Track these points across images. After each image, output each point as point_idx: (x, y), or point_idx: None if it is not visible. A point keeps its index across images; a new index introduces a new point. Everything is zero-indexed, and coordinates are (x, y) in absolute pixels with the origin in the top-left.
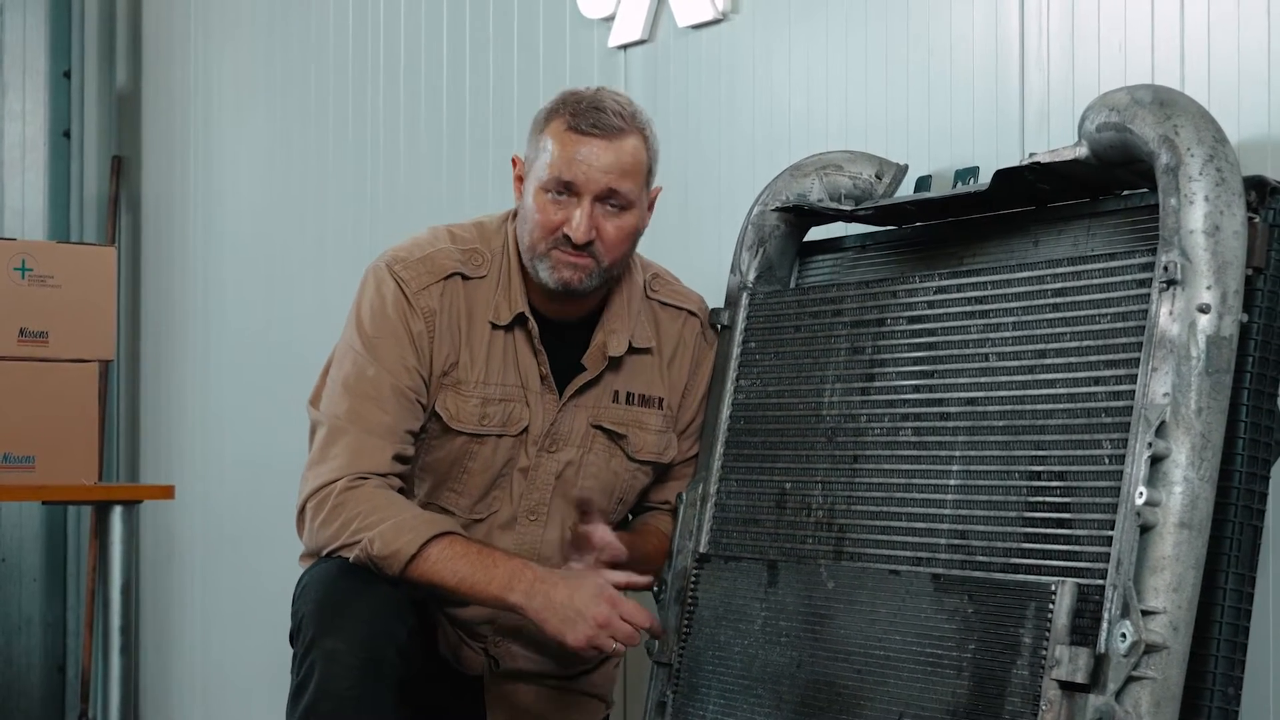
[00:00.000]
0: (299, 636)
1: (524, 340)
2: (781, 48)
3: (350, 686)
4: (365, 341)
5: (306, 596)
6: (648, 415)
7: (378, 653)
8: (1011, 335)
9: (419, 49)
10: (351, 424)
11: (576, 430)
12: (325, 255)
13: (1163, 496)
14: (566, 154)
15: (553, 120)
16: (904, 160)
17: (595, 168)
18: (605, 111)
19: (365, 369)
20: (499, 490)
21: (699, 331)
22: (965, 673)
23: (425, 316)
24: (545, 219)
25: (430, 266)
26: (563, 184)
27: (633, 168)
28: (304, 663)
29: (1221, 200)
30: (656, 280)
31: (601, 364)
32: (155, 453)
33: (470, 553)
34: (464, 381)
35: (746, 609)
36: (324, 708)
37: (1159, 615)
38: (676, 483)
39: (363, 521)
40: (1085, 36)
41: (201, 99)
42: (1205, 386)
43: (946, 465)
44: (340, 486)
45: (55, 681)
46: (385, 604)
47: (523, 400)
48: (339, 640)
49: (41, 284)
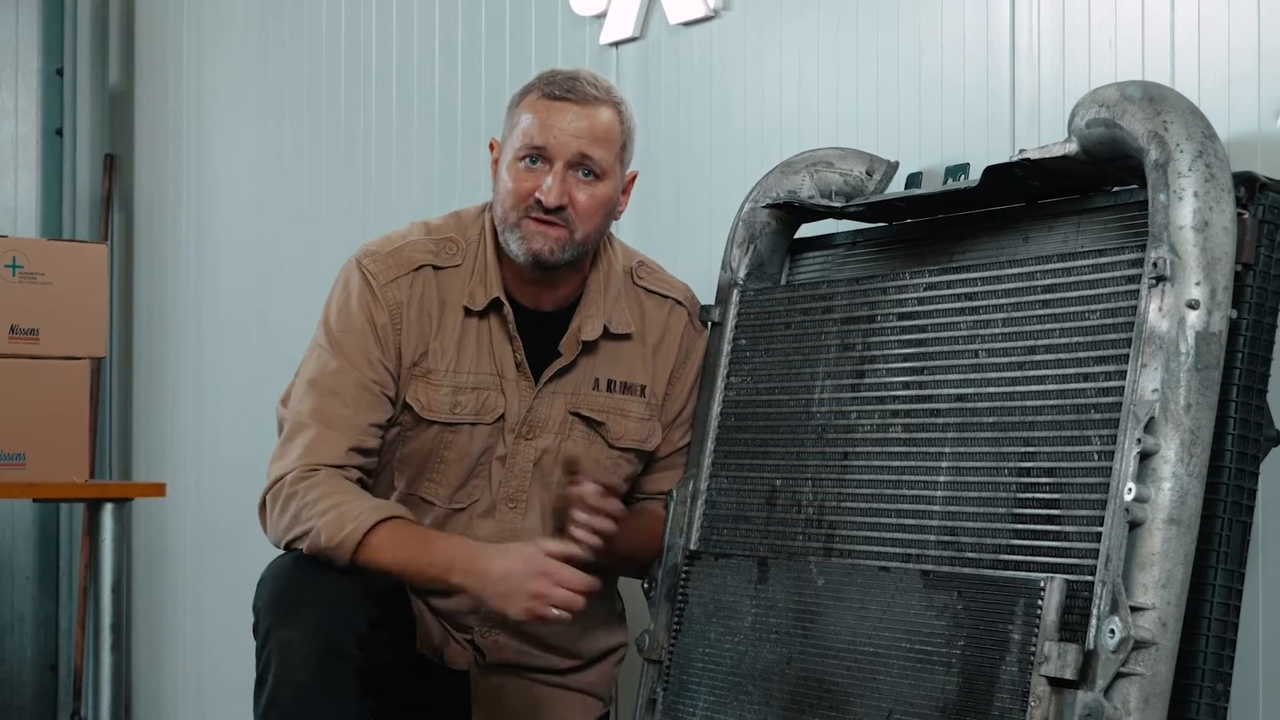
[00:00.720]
0: (257, 630)
1: (499, 327)
2: (773, 45)
3: (308, 676)
4: (330, 338)
5: (263, 589)
6: (629, 403)
7: (334, 642)
8: (1001, 332)
9: (411, 46)
10: (312, 419)
11: (554, 417)
12: (317, 253)
13: (1152, 492)
14: (539, 120)
15: (527, 94)
16: (895, 157)
17: (567, 131)
18: (579, 80)
19: (329, 364)
20: (478, 479)
21: (686, 321)
22: (954, 669)
23: (390, 309)
24: (518, 186)
25: (399, 259)
26: (535, 149)
27: (605, 135)
28: (262, 654)
29: (1211, 196)
30: (643, 268)
31: (576, 349)
32: (148, 450)
33: (410, 537)
34: (434, 370)
35: (737, 606)
36: (284, 698)
37: (1148, 611)
38: (670, 473)
39: (309, 511)
40: (1076, 33)
41: (194, 97)
42: (1194, 382)
43: (936, 462)
44: (292, 478)
45: (48, 680)
46: (342, 594)
47: (497, 388)
48: (295, 630)
49: (32, 281)
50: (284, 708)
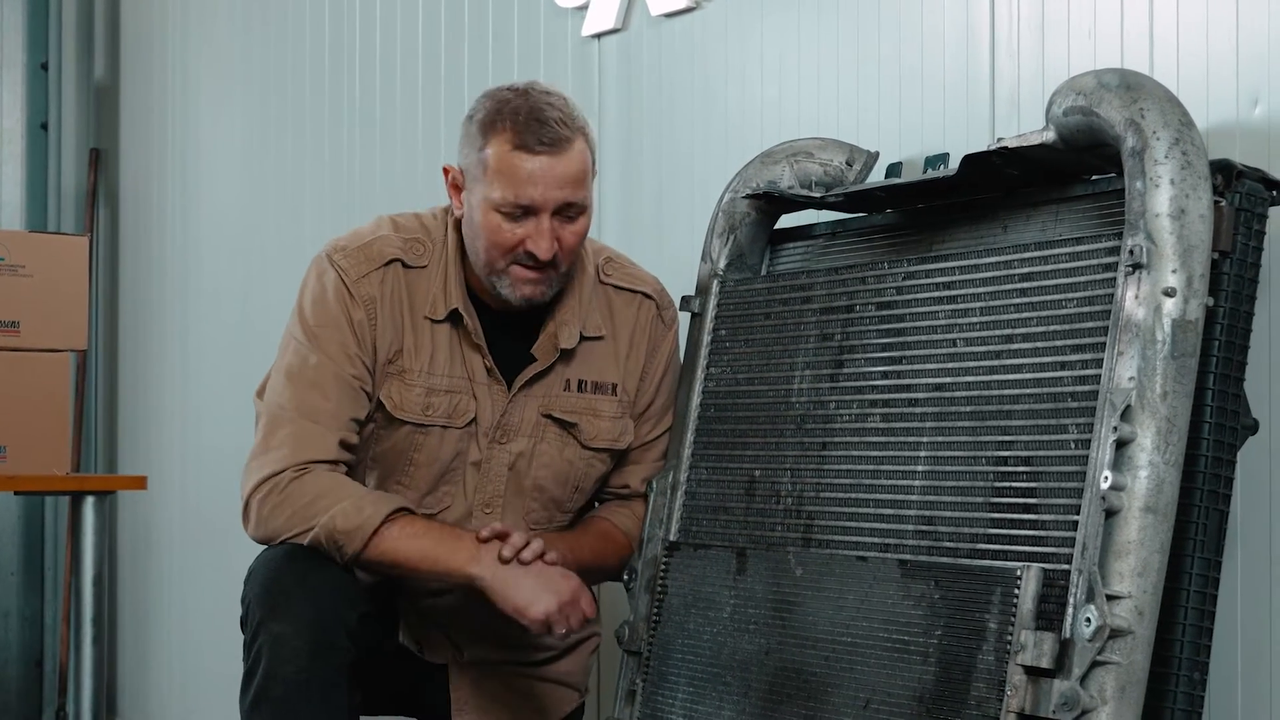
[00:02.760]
0: (247, 622)
1: (466, 335)
2: (754, 35)
3: (299, 670)
4: (307, 331)
5: (253, 581)
6: (601, 402)
7: (326, 635)
8: (979, 321)
9: (394, 40)
10: (295, 412)
11: (527, 420)
12: (301, 246)
13: (1128, 481)
14: (517, 176)
15: (492, 136)
16: (875, 147)
17: (550, 185)
18: (548, 124)
19: (307, 358)
20: (449, 485)
21: (655, 315)
22: (931, 658)
23: (365, 305)
24: (502, 239)
25: (369, 254)
26: (519, 207)
27: (583, 174)
28: (252, 648)
29: (1187, 184)
30: (610, 264)
31: (553, 355)
32: (132, 444)
33: (432, 529)
34: (408, 370)
35: (716, 597)
36: (274, 692)
37: (1124, 600)
38: (635, 467)
39: (317, 504)
40: (1055, 23)
41: (179, 92)
42: (1170, 370)
43: (914, 451)
44: (288, 476)
45: (33, 675)
46: (333, 587)
47: (469, 392)
48: (286, 624)
49: (13, 273)
50: (275, 701)
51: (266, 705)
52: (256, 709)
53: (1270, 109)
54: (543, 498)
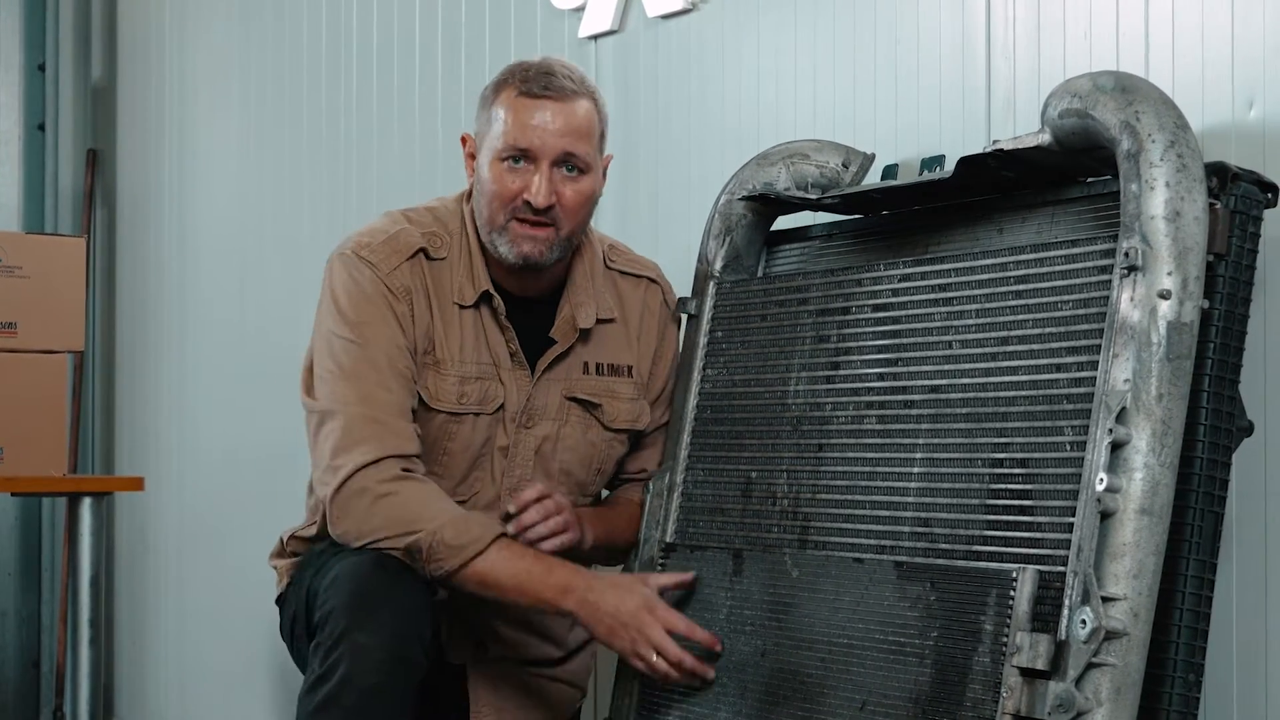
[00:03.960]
0: (325, 627)
1: (491, 319)
2: (750, 37)
3: (377, 682)
4: (352, 327)
5: (338, 588)
6: (619, 384)
7: (406, 650)
8: (975, 323)
9: (391, 41)
10: (366, 408)
11: (551, 404)
12: (299, 247)
13: (1123, 483)
14: (520, 120)
15: (502, 90)
16: (871, 149)
17: (550, 131)
18: (555, 75)
19: (359, 353)
20: (479, 471)
21: (661, 298)
22: (927, 660)
23: (403, 296)
24: (503, 188)
25: (396, 246)
26: (519, 150)
27: (587, 130)
28: (331, 654)
29: (1182, 186)
30: (613, 250)
31: (572, 336)
32: (130, 445)
33: (529, 555)
34: (442, 360)
35: (712, 598)
36: (347, 700)
37: (1119, 602)
38: (651, 450)
39: (420, 512)
40: (1051, 25)
41: (176, 92)
42: (1166, 373)
43: (910, 453)
44: (387, 471)
45: (30, 677)
46: (415, 602)
47: (496, 378)
48: (371, 635)
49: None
50: (347, 709)
51: (337, 711)
52: (325, 711)
53: (1265, 111)
54: (569, 481)
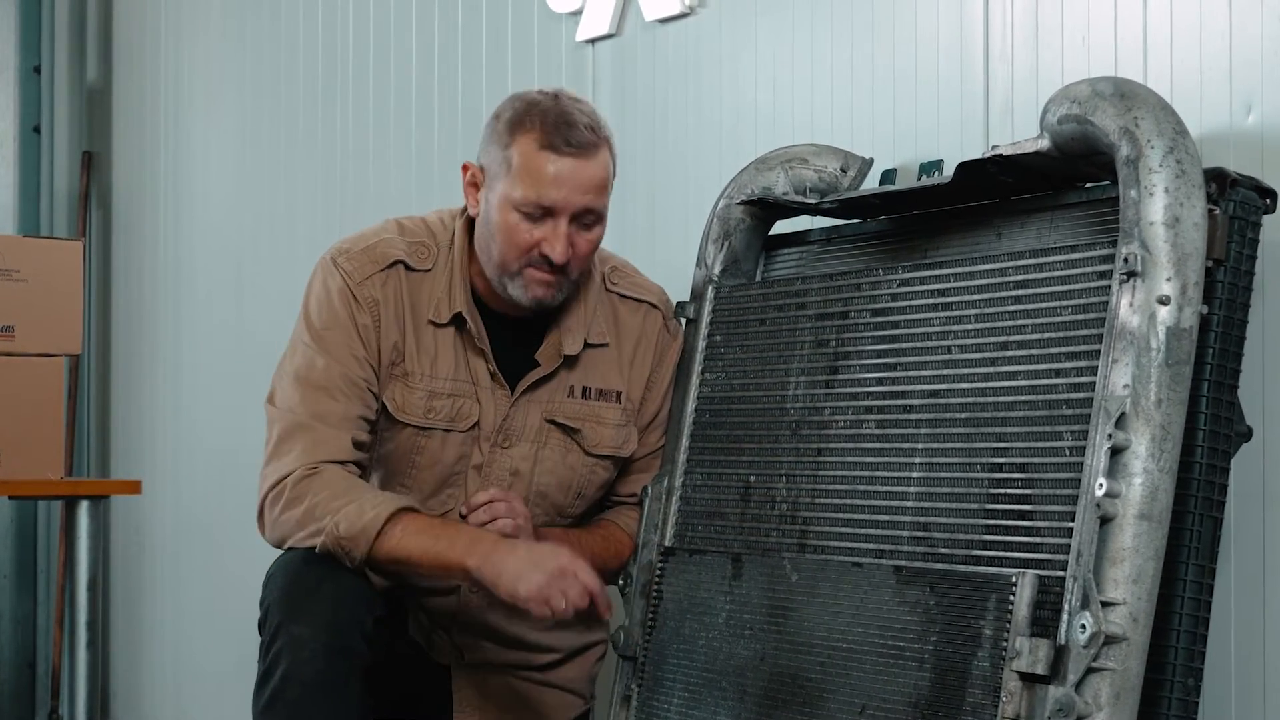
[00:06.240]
0: (265, 624)
1: (470, 339)
2: (748, 41)
3: (317, 672)
4: (314, 334)
5: (273, 584)
6: (605, 409)
7: (344, 639)
8: (974, 328)
9: (388, 44)
10: (306, 416)
11: (530, 426)
12: (294, 250)
13: (1122, 488)
14: (543, 175)
15: (520, 134)
16: (870, 154)
17: (572, 188)
18: (576, 127)
19: (315, 360)
20: (453, 488)
21: (661, 325)
22: (927, 664)
23: (370, 308)
24: (519, 239)
25: (373, 256)
26: (541, 208)
27: (604, 182)
28: (270, 649)
29: (1181, 192)
30: (616, 273)
31: (556, 361)
32: (126, 447)
33: (433, 525)
34: (411, 373)
35: (711, 602)
36: (290, 694)
37: (1119, 607)
38: (642, 475)
39: (324, 506)
40: (1049, 30)
41: (172, 94)
42: (1165, 378)
43: (909, 458)
44: (297, 475)
45: (25, 678)
46: (351, 590)
47: (472, 395)
48: (305, 626)
49: (7, 278)
50: (290, 703)
51: (282, 706)
52: (271, 709)
53: (1264, 116)
54: (544, 503)
